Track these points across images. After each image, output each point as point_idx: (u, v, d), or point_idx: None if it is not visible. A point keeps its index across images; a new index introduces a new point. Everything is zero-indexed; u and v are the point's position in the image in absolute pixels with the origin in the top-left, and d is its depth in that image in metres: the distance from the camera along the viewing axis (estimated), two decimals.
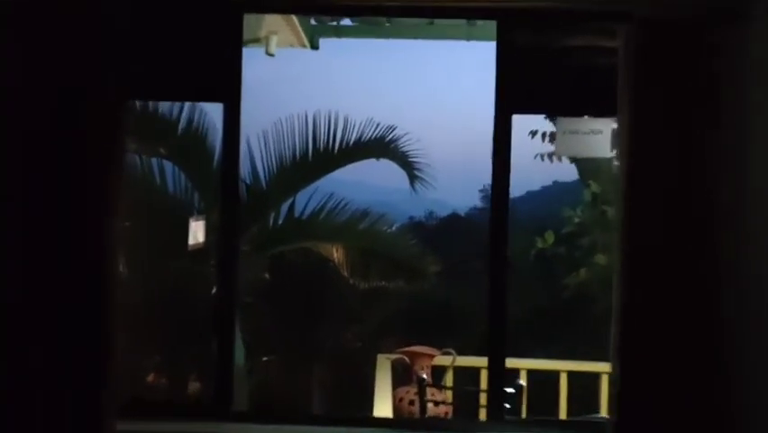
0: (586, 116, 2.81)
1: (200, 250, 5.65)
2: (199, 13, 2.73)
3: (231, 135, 2.75)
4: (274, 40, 4.31)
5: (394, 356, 4.54)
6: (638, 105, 2.38)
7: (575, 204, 5.67)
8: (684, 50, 2.35)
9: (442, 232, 13.92)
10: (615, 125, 2.91)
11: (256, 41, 4.48)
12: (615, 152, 2.65)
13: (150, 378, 5.83)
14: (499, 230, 2.70)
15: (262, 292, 6.43)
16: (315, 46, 4.67)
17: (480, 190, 16.91)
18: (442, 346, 4.61)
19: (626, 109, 2.41)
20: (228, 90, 2.71)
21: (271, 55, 4.34)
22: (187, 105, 6.15)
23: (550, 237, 5.33)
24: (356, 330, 6.75)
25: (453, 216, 15.77)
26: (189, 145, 6.09)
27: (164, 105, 6.06)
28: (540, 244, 5.29)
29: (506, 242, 2.69)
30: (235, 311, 2.78)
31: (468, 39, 4.66)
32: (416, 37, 4.75)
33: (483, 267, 2.65)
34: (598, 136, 2.79)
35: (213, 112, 6.62)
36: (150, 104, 6.00)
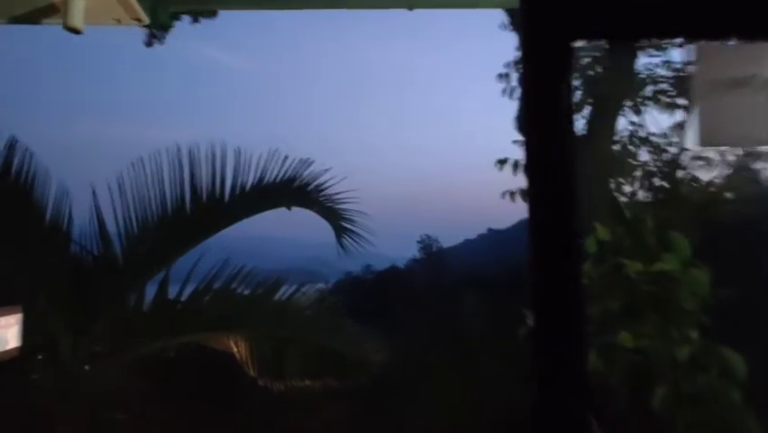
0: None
1: (13, 360, 3.67)
2: None
3: None
4: (78, 5, 2.44)
5: None
6: None
7: None
8: None
9: (382, 288, 12.33)
10: None
11: (53, 11, 2.60)
12: None
13: None
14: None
15: (131, 408, 4.40)
16: (163, 23, 2.82)
17: (419, 241, 15.33)
18: None
19: None
20: None
21: (76, 31, 2.47)
22: (4, 143, 4.25)
23: None
24: None
25: (393, 270, 14.25)
26: (6, 200, 4.15)
27: None
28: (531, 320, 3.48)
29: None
30: None
31: (410, 7, 2.91)
32: (326, 6, 2.96)
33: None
34: None
35: (46, 154, 4.73)
36: None
